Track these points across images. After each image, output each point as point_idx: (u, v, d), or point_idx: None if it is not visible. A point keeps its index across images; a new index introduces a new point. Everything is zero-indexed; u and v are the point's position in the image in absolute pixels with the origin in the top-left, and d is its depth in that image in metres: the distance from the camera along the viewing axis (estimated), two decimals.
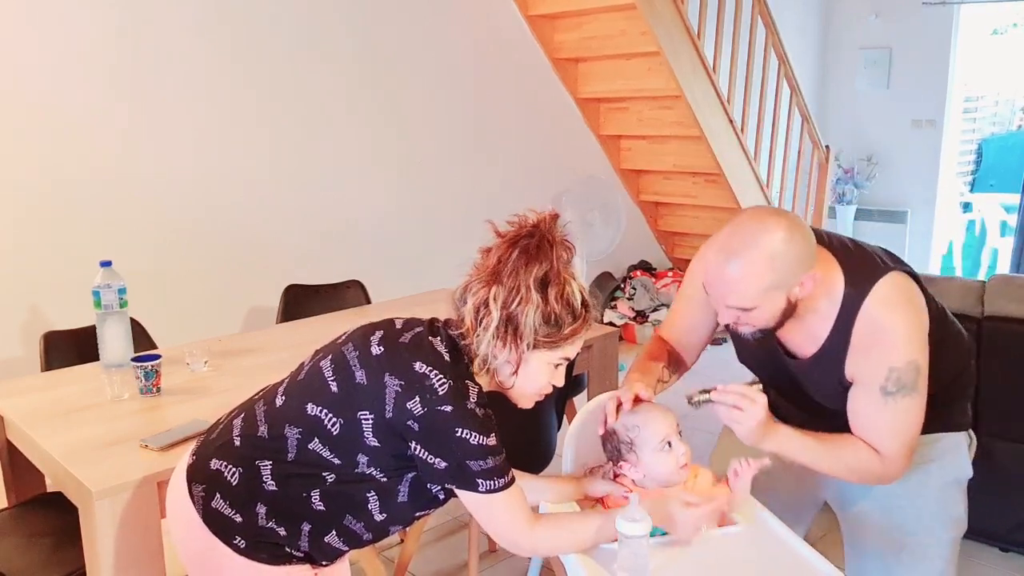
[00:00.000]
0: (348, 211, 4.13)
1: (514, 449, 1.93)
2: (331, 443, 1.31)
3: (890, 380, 1.46)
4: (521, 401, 1.42)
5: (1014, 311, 2.53)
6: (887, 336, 1.46)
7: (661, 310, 5.22)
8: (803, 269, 1.44)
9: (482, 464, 1.28)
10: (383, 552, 2.75)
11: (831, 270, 1.51)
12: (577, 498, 1.55)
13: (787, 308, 1.47)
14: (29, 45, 3.09)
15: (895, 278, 1.50)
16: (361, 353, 1.34)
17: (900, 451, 1.50)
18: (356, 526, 1.37)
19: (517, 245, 1.31)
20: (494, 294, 1.30)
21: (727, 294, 1.45)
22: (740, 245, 1.42)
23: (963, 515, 1.69)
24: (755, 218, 1.45)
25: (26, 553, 1.88)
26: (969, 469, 1.71)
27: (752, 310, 1.45)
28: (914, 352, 1.47)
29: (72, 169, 3.24)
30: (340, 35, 3.97)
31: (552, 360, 1.35)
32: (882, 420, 1.49)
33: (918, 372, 1.47)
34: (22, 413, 1.98)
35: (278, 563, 1.36)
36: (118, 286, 2.29)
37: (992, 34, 6.70)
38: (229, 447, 1.38)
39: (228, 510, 1.34)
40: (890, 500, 1.65)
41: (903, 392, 1.46)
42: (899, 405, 1.47)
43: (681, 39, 4.47)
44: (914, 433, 1.51)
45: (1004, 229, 6.66)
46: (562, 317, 1.31)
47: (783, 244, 1.41)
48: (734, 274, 1.42)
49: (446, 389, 1.26)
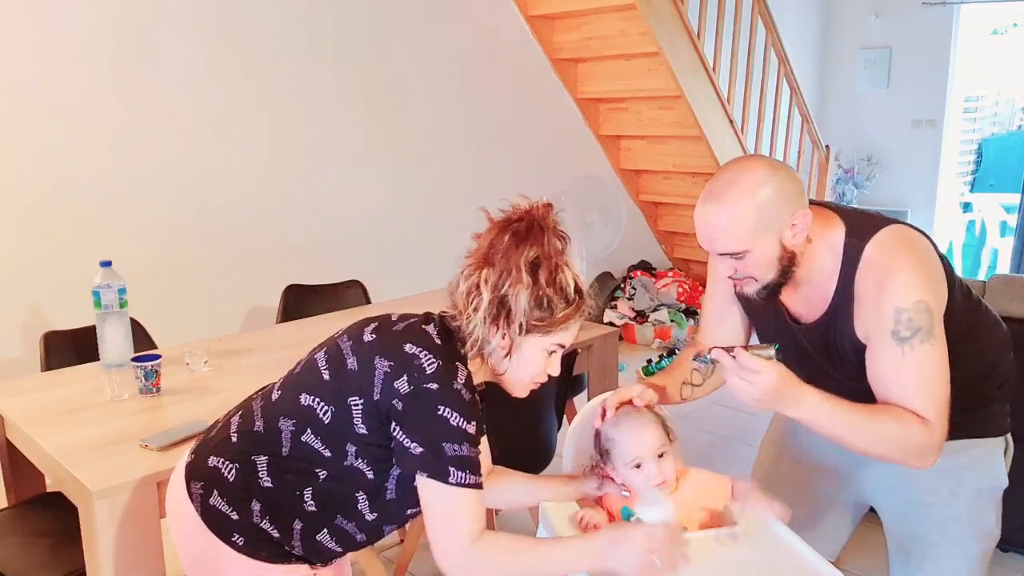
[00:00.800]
0: (348, 211, 4.13)
1: (514, 449, 1.93)
2: (323, 433, 1.31)
3: (901, 323, 1.36)
4: (515, 389, 1.40)
5: (1015, 311, 2.53)
6: (890, 277, 1.37)
7: (661, 310, 5.22)
8: (791, 207, 1.38)
9: (457, 449, 1.25)
10: (383, 552, 2.74)
11: (832, 223, 1.45)
12: (576, 497, 1.55)
13: (783, 256, 1.41)
14: (29, 44, 3.09)
15: (900, 227, 1.43)
16: (354, 342, 1.34)
17: (938, 411, 1.37)
18: (348, 526, 1.37)
19: (508, 229, 1.32)
20: (484, 276, 1.30)
21: (716, 239, 1.40)
22: (722, 188, 1.38)
23: (995, 526, 1.58)
24: (737, 162, 1.42)
25: (26, 553, 1.88)
26: (1005, 478, 1.59)
27: (744, 255, 1.39)
28: (922, 292, 1.36)
29: (72, 169, 3.24)
30: (341, 35, 3.97)
31: (546, 346, 1.34)
32: (906, 374, 1.37)
33: (930, 314, 1.36)
34: (22, 413, 1.98)
35: (279, 561, 1.36)
36: (118, 286, 2.29)
37: (992, 34, 6.70)
38: (226, 444, 1.39)
39: (225, 507, 1.34)
40: (917, 509, 1.57)
41: (919, 337, 1.35)
42: (919, 353, 1.36)
43: (681, 39, 4.47)
44: (943, 389, 1.38)
45: (1004, 229, 6.66)
46: (554, 301, 1.30)
47: (766, 181, 1.36)
48: (720, 217, 1.38)
49: (434, 368, 1.26)
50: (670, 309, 5.23)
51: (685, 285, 5.42)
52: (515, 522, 2.93)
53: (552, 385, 2.38)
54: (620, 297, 5.36)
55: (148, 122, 3.42)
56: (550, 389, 2.38)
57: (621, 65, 4.82)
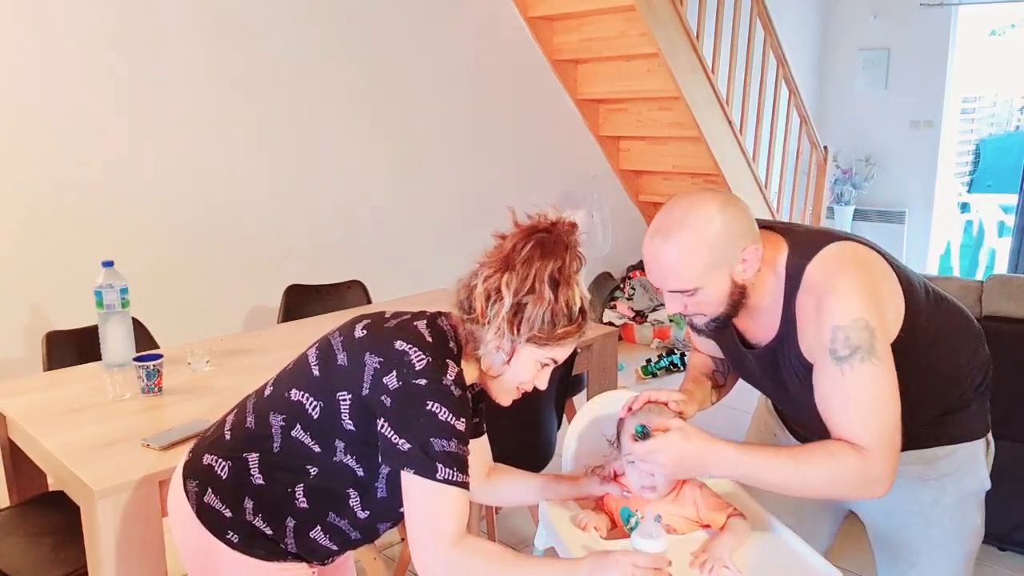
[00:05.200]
0: (349, 211, 4.13)
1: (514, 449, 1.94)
2: (312, 429, 1.32)
3: (837, 341, 1.30)
4: (502, 395, 1.40)
5: (1012, 311, 2.54)
6: (829, 297, 1.32)
7: (660, 310, 5.23)
8: (742, 244, 1.35)
9: (446, 445, 1.24)
10: (384, 551, 2.75)
11: (777, 246, 1.41)
12: (576, 497, 1.56)
13: (734, 291, 1.38)
14: (29, 45, 3.10)
15: (844, 244, 1.38)
16: (345, 338, 1.35)
17: (877, 437, 1.30)
18: (341, 523, 1.37)
19: (533, 237, 1.31)
20: (506, 280, 1.29)
21: (665, 277, 1.37)
22: (672, 225, 1.35)
23: (979, 526, 1.58)
24: (687, 196, 1.38)
25: (28, 552, 1.89)
26: (987, 480, 1.57)
27: (694, 293, 1.37)
28: (861, 309, 1.30)
29: (74, 169, 3.25)
30: (341, 36, 3.98)
31: (540, 358, 1.34)
32: (846, 396, 1.32)
33: (871, 332, 1.30)
34: (24, 412, 1.99)
35: (274, 559, 1.36)
36: (120, 286, 2.30)
37: (990, 35, 6.71)
38: (220, 441, 1.40)
39: (219, 504, 1.35)
40: (901, 517, 1.56)
41: (858, 356, 1.30)
42: (857, 373, 1.30)
43: (680, 40, 4.48)
44: (884, 412, 1.31)
45: (1002, 229, 6.68)
46: (559, 318, 1.31)
47: (716, 218, 1.33)
48: (669, 256, 1.34)
49: (424, 364, 1.26)
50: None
51: None
52: (515, 522, 2.93)
53: (552, 385, 2.39)
54: (619, 297, 5.37)
55: (149, 122, 3.43)
56: (550, 389, 2.39)
57: (621, 66, 4.83)
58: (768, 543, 1.44)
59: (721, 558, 1.33)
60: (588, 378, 2.76)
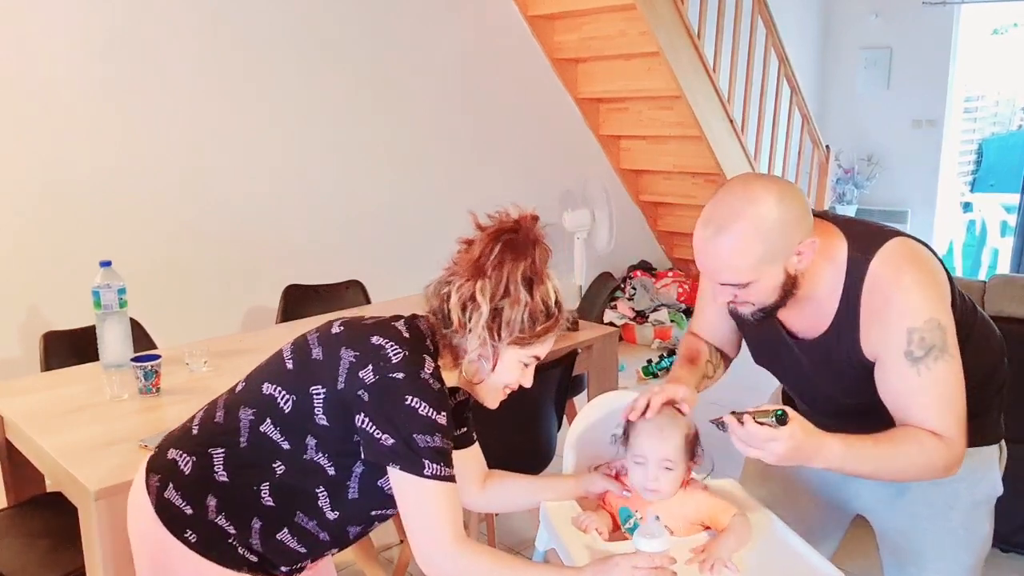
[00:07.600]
0: (348, 211, 4.13)
1: (514, 449, 1.93)
2: (282, 424, 1.29)
3: (913, 343, 1.31)
4: (488, 399, 1.39)
5: (1015, 311, 2.53)
6: (899, 296, 1.32)
7: (661, 310, 5.22)
8: (798, 236, 1.32)
9: (430, 441, 1.23)
10: (383, 552, 2.74)
11: (833, 238, 1.39)
12: (577, 496, 1.55)
13: (787, 281, 1.35)
14: (29, 44, 3.09)
15: (903, 240, 1.38)
16: (321, 334, 1.33)
17: (959, 427, 1.34)
18: (309, 524, 1.33)
19: (501, 239, 1.31)
20: (480, 287, 1.28)
21: (719, 271, 1.34)
22: (727, 217, 1.30)
23: (989, 534, 1.56)
24: (742, 185, 1.33)
25: (25, 553, 1.88)
26: (1000, 486, 1.56)
27: (748, 285, 1.33)
28: (933, 309, 1.32)
29: (71, 169, 3.24)
30: (341, 35, 3.97)
31: (522, 358, 1.34)
32: (923, 393, 1.33)
33: (943, 331, 1.32)
34: (22, 413, 1.98)
35: (231, 567, 1.31)
36: (118, 286, 2.29)
37: (992, 34, 6.71)
38: (187, 436, 1.37)
39: (180, 500, 1.31)
40: (914, 522, 1.54)
41: (933, 355, 1.31)
42: (934, 372, 1.32)
43: (681, 39, 4.47)
44: (961, 404, 1.34)
45: (1004, 229, 6.66)
46: (538, 316, 1.30)
47: (774, 211, 1.29)
48: (723, 249, 1.30)
49: (400, 358, 1.24)
50: (670, 309, 5.23)
51: (685, 285, 5.42)
52: (515, 523, 2.92)
53: (552, 385, 2.38)
54: (620, 297, 5.36)
55: (147, 122, 3.42)
56: (550, 389, 2.38)
57: (621, 65, 4.82)
58: (770, 543, 1.43)
59: (722, 558, 1.32)
60: (588, 379, 2.75)
